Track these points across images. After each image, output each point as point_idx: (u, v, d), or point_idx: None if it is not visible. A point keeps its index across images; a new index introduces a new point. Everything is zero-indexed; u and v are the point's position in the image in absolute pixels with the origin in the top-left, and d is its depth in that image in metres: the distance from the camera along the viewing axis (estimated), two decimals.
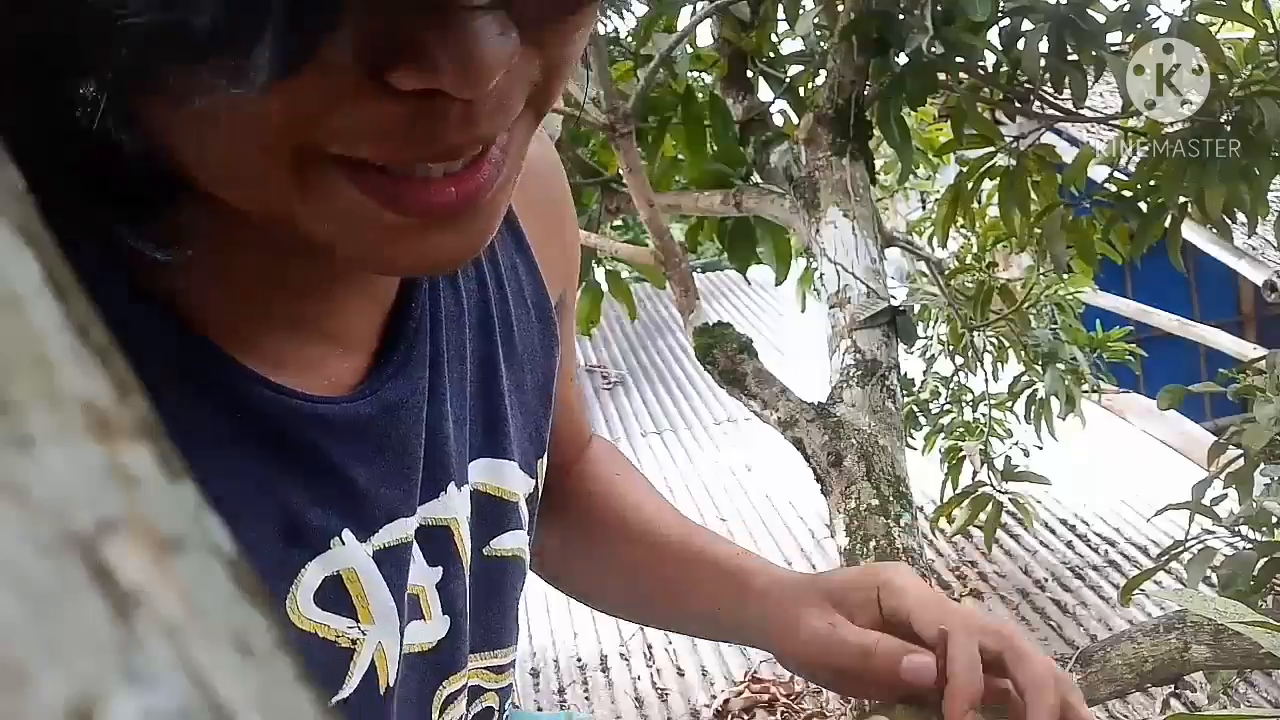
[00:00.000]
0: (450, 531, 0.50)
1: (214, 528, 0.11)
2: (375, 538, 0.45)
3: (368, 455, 0.44)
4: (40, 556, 0.09)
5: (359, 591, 0.44)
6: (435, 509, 0.49)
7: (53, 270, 0.11)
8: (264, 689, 0.10)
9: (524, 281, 0.56)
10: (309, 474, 0.42)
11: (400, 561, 0.46)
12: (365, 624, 0.44)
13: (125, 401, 0.11)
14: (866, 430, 1.52)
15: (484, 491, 0.53)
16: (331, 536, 0.43)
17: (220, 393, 0.40)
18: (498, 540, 0.54)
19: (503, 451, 0.54)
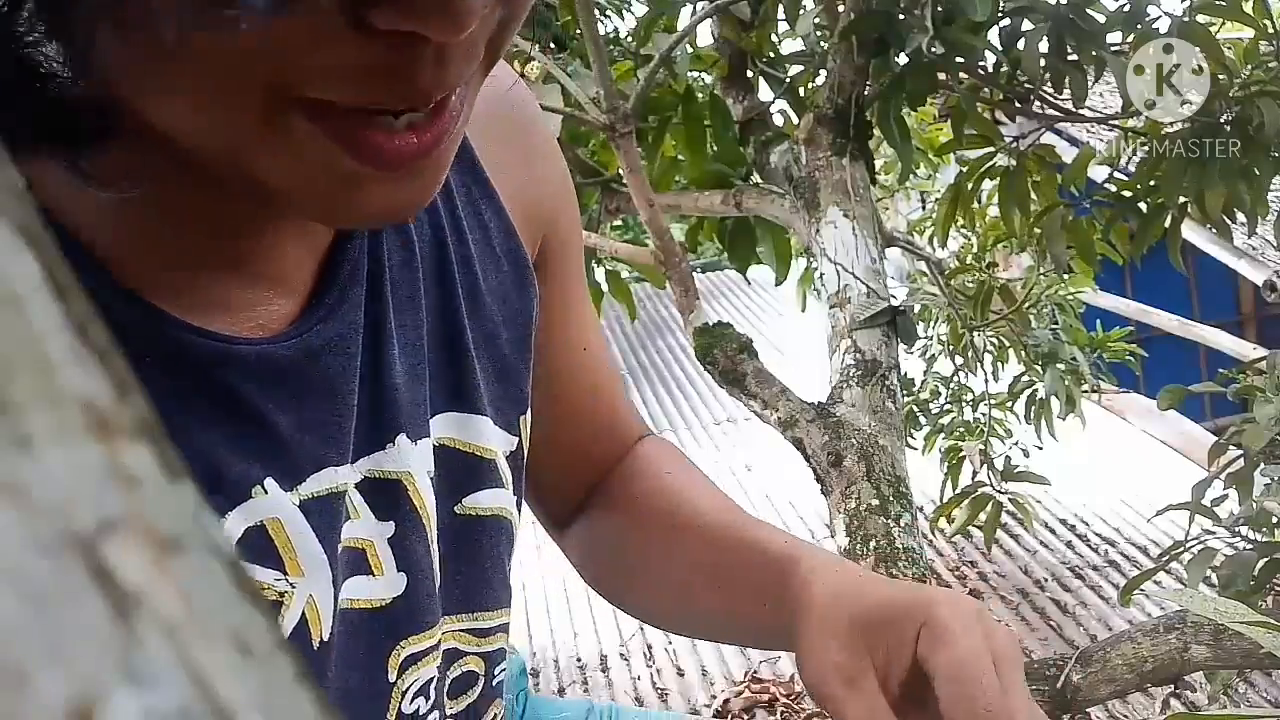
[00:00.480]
0: (402, 485, 0.48)
1: (214, 528, 0.11)
2: (303, 487, 0.43)
3: (289, 401, 0.43)
4: (40, 556, 0.09)
5: (285, 542, 0.42)
6: (382, 460, 0.47)
7: (53, 270, 0.11)
8: (264, 689, 0.10)
9: (491, 228, 0.53)
10: (227, 420, 0.41)
11: (331, 512, 0.44)
12: (294, 576, 0.42)
13: (125, 401, 0.11)
14: (866, 430, 1.52)
15: (451, 447, 0.51)
16: (253, 485, 0.41)
17: (131, 333, 0.38)
18: (471, 498, 0.52)
19: (471, 406, 0.52)
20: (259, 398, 0.42)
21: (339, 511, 0.45)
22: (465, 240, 0.52)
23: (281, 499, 0.42)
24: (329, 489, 0.44)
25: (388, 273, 0.48)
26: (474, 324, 0.52)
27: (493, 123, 0.54)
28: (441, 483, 0.50)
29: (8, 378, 0.09)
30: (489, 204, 0.54)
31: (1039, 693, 1.50)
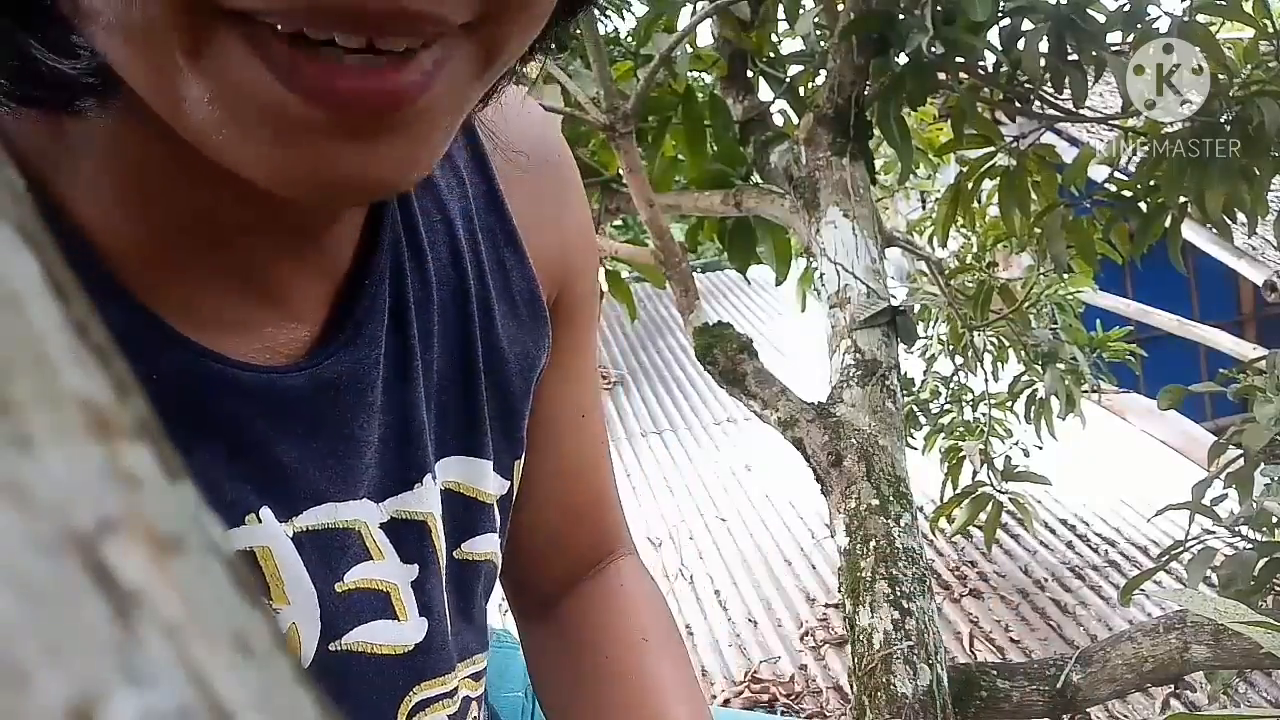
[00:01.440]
0: (426, 527, 0.47)
1: (214, 528, 0.11)
2: (298, 519, 0.42)
3: (294, 432, 0.42)
4: (40, 556, 0.09)
5: (273, 571, 0.42)
6: (409, 501, 0.46)
7: (52, 270, 0.11)
8: (264, 689, 0.10)
9: (511, 274, 0.52)
10: (228, 445, 0.40)
11: (330, 548, 0.44)
12: (278, 603, 0.42)
13: (125, 401, 0.11)
14: (866, 430, 1.52)
15: (457, 491, 0.50)
16: (247, 513, 0.41)
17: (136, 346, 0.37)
18: (470, 543, 0.51)
19: (480, 450, 0.51)
20: (262, 426, 0.41)
21: (341, 548, 0.44)
22: (486, 284, 0.50)
23: (275, 529, 0.42)
24: (327, 524, 0.44)
25: (412, 310, 0.46)
26: (488, 369, 0.51)
27: (532, 172, 0.52)
28: (447, 526, 0.50)
29: (8, 378, 0.09)
30: (513, 251, 0.52)
31: (1039, 693, 1.50)
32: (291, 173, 0.31)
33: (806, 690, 3.09)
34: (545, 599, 0.64)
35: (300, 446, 0.42)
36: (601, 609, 0.63)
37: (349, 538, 0.44)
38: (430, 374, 0.48)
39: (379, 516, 0.45)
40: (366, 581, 0.45)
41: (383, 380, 0.44)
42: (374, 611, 0.45)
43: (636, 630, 0.61)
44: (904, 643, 1.35)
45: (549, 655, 0.64)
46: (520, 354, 0.53)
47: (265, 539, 0.41)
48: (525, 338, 0.53)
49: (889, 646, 1.40)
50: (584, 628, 0.62)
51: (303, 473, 0.42)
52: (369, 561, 0.45)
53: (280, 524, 0.42)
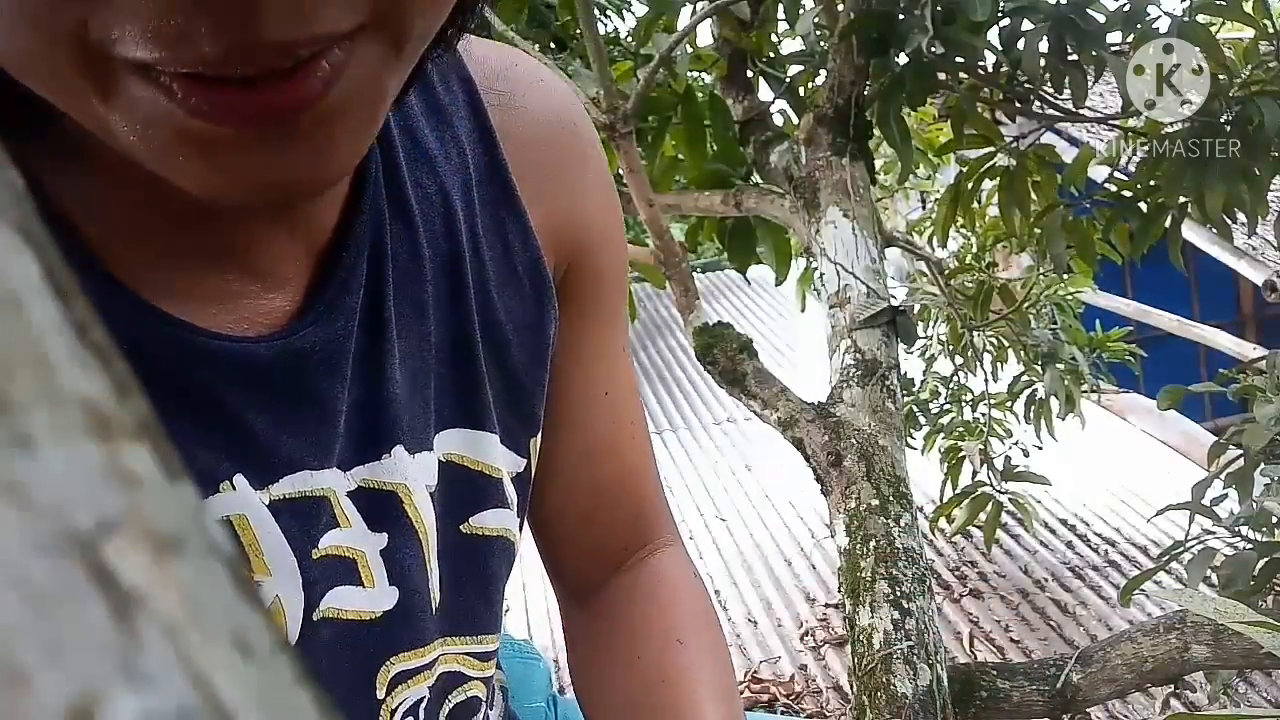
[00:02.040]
0: (397, 497, 0.47)
1: (214, 528, 0.11)
2: (274, 487, 0.43)
3: (267, 401, 0.42)
4: (40, 556, 0.09)
5: (250, 539, 0.42)
6: (377, 471, 0.46)
7: (52, 270, 0.11)
8: (264, 689, 0.10)
9: (513, 244, 0.51)
10: (198, 414, 0.40)
11: (305, 515, 0.44)
12: (259, 574, 0.42)
13: (125, 401, 0.11)
14: (866, 430, 1.52)
15: (458, 464, 0.50)
16: (220, 480, 0.41)
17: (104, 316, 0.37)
18: (478, 518, 0.51)
19: (480, 423, 0.51)
20: (234, 395, 0.41)
21: (315, 515, 0.44)
22: (482, 255, 0.50)
23: (250, 497, 0.42)
24: (303, 492, 0.44)
25: (390, 282, 0.46)
26: (486, 341, 0.51)
27: (543, 145, 0.52)
28: (447, 500, 0.50)
29: (8, 378, 0.09)
30: (515, 221, 0.51)
31: (1039, 693, 1.50)
32: (214, 184, 0.32)
33: (806, 690, 3.09)
34: (583, 586, 0.63)
35: (273, 416, 0.42)
36: (638, 605, 0.61)
37: (321, 505, 0.45)
38: (427, 345, 0.48)
39: (346, 485, 0.46)
40: (335, 549, 0.45)
41: (355, 352, 0.45)
42: (342, 577, 0.45)
43: (673, 630, 0.60)
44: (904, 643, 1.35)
45: (584, 647, 0.63)
46: (522, 325, 0.52)
47: (241, 507, 0.42)
48: (527, 309, 0.53)
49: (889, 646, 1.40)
50: (619, 624, 0.61)
51: (276, 441, 0.43)
52: (337, 529, 0.45)
53: (256, 492, 0.42)
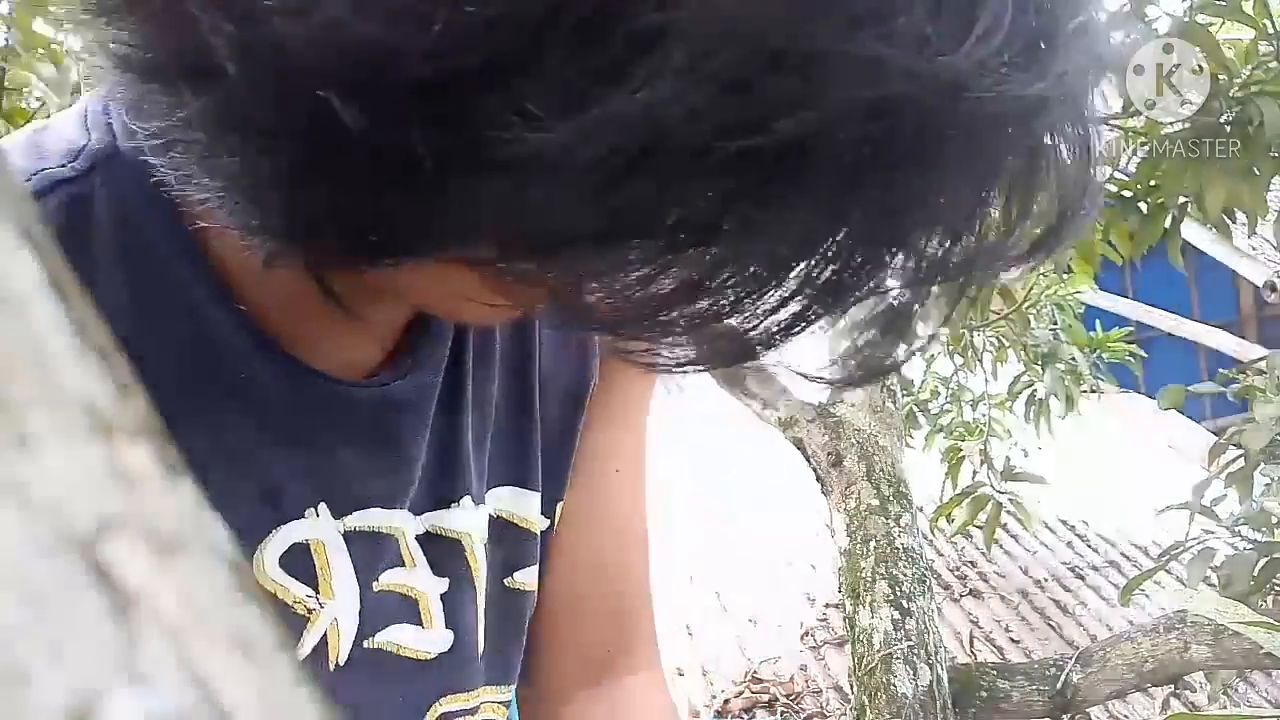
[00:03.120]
0: (461, 545, 0.50)
1: (214, 528, 0.11)
2: (349, 519, 0.46)
3: (357, 441, 0.45)
4: (40, 556, 0.09)
5: (324, 564, 0.45)
6: (445, 519, 0.49)
7: (53, 270, 0.11)
8: (264, 689, 0.10)
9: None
10: (296, 444, 0.44)
11: (374, 549, 0.47)
12: (324, 597, 0.45)
13: (125, 401, 0.11)
14: (866, 430, 1.52)
15: (506, 519, 0.52)
16: (307, 507, 0.44)
17: (232, 351, 0.41)
18: (521, 573, 0.53)
19: (527, 481, 0.53)
20: (328, 432, 0.45)
21: (381, 551, 0.47)
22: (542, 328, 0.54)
23: (329, 525, 0.45)
24: (373, 527, 0.47)
25: (470, 340, 0.50)
26: (541, 399, 0.53)
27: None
28: (494, 554, 0.52)
29: (8, 378, 0.09)
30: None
31: (1039, 693, 1.50)
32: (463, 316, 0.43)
33: (806, 690, 3.09)
34: (556, 689, 0.61)
35: (359, 454, 0.46)
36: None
37: (388, 542, 0.47)
38: (490, 400, 0.51)
39: (415, 528, 0.49)
40: (398, 585, 0.48)
41: (436, 404, 0.48)
42: (403, 615, 0.48)
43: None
44: (904, 643, 1.35)
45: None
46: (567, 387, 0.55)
47: (320, 533, 0.45)
48: (572, 370, 0.55)
49: (889, 646, 1.40)
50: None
51: (357, 478, 0.46)
52: (402, 568, 0.48)
53: (333, 521, 0.45)
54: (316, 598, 0.44)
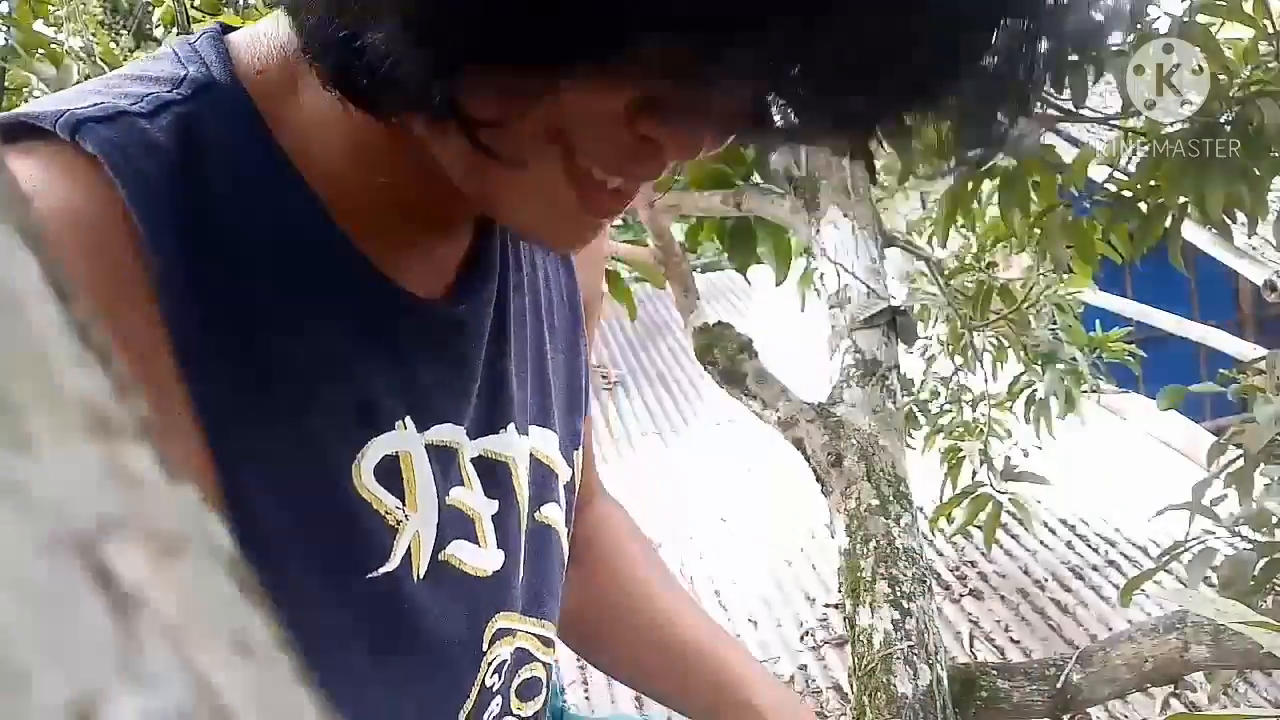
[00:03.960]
0: (509, 469, 0.54)
1: (214, 528, 0.11)
2: (429, 433, 0.49)
3: (430, 357, 0.49)
4: (40, 556, 0.09)
5: (410, 476, 0.47)
6: (495, 443, 0.53)
7: (52, 270, 0.11)
8: (264, 689, 0.10)
9: (561, 275, 0.61)
10: (385, 357, 0.47)
11: (447, 463, 0.50)
12: (410, 509, 0.47)
13: (125, 402, 0.11)
14: (866, 430, 1.52)
15: (536, 456, 0.56)
16: (397, 419, 0.47)
17: (330, 266, 0.44)
18: (546, 508, 0.57)
19: (548, 423, 0.58)
20: (411, 345, 0.48)
21: (453, 466, 0.50)
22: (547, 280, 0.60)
23: (415, 438, 0.48)
24: (447, 442, 0.50)
25: (510, 285, 0.54)
26: (552, 354, 0.59)
27: None
28: (531, 489, 0.56)
29: (8, 378, 0.09)
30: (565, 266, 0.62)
31: (1039, 693, 1.50)
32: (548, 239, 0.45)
33: (806, 690, 3.09)
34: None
35: (435, 370, 0.49)
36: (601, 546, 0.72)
37: (454, 459, 0.51)
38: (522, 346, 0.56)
39: (470, 451, 0.52)
40: (460, 504, 0.51)
41: (489, 334, 0.53)
42: (464, 532, 0.51)
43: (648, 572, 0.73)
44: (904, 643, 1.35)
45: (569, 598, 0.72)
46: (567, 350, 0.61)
47: (409, 445, 0.47)
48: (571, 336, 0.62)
49: (889, 646, 1.41)
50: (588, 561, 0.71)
51: (436, 392, 0.49)
52: (463, 486, 0.51)
53: (418, 434, 0.48)
54: (403, 509, 0.46)
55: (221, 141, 0.41)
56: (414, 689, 0.48)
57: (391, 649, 0.46)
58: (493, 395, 0.53)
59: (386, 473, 0.46)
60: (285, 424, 0.42)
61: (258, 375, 0.41)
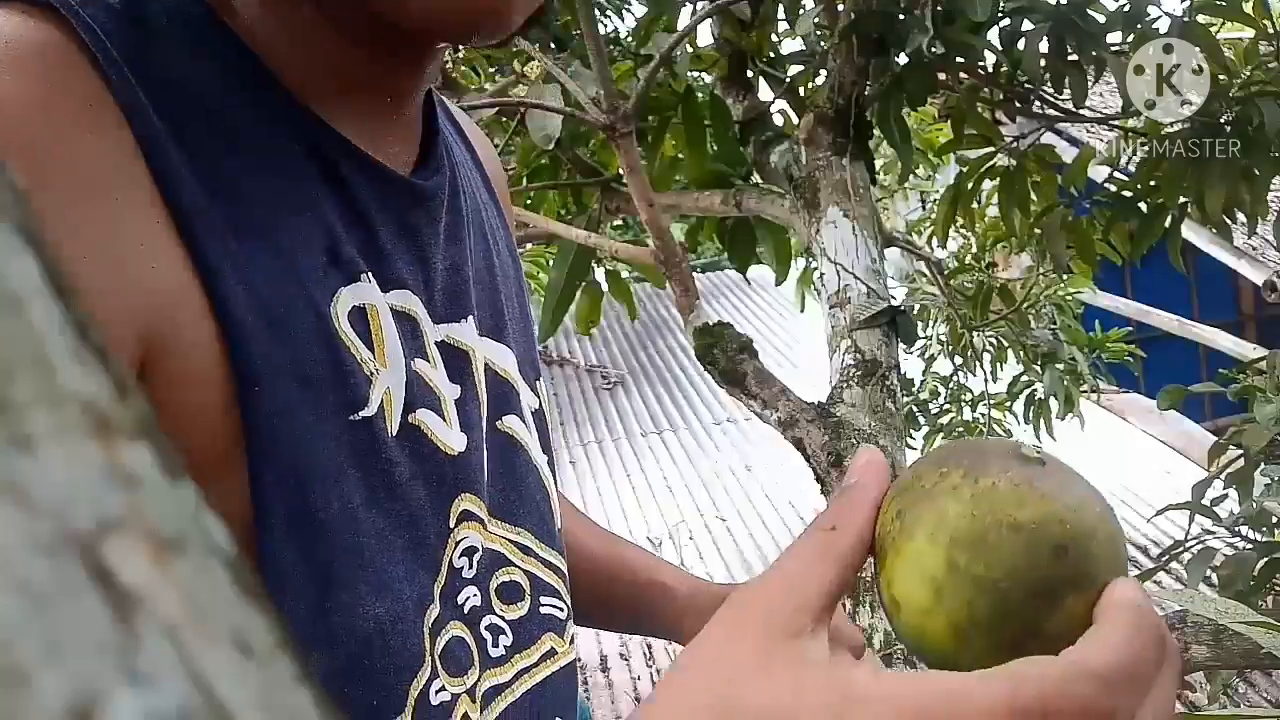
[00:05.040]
0: (469, 357, 0.53)
1: (214, 527, 0.11)
2: (391, 295, 0.49)
3: (390, 220, 0.49)
4: (40, 556, 0.09)
5: (378, 329, 0.47)
6: (456, 331, 0.53)
7: (52, 270, 0.11)
8: (264, 689, 0.10)
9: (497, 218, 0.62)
10: (346, 212, 0.47)
11: (411, 332, 0.50)
12: (379, 363, 0.47)
13: (125, 401, 0.11)
14: (866, 430, 1.52)
15: (491, 367, 0.56)
16: (360, 273, 0.47)
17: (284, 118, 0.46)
18: (507, 419, 0.57)
19: (507, 342, 0.58)
20: (375, 208, 0.49)
21: (416, 337, 0.50)
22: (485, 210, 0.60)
23: (379, 295, 0.48)
24: (408, 310, 0.50)
25: (461, 191, 0.55)
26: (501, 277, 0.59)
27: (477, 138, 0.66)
28: (489, 395, 0.56)
29: (8, 378, 0.09)
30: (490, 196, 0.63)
31: None
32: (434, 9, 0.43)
33: None
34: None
35: (393, 236, 0.50)
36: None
37: (418, 331, 0.50)
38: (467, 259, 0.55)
39: (434, 334, 0.52)
40: (426, 376, 0.50)
41: (444, 226, 0.53)
42: (430, 404, 0.50)
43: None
44: None
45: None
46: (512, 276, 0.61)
47: (373, 298, 0.47)
48: (515, 267, 0.62)
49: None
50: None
51: (395, 258, 0.49)
52: (427, 361, 0.51)
53: (381, 293, 0.48)
54: (374, 362, 0.46)
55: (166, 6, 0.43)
56: (396, 541, 0.47)
57: (375, 499, 0.46)
58: (452, 284, 0.53)
59: (357, 324, 0.46)
60: (269, 253, 0.42)
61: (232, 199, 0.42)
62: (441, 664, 0.49)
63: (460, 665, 0.50)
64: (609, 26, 2.39)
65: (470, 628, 0.52)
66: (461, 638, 0.51)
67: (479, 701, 0.51)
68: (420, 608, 0.47)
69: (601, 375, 6.45)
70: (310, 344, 0.43)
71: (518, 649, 0.55)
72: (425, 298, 0.51)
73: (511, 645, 0.55)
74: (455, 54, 2.36)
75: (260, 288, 0.41)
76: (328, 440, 0.44)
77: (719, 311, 6.73)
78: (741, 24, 2.09)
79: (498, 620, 0.54)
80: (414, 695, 0.46)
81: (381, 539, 0.46)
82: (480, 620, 0.53)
